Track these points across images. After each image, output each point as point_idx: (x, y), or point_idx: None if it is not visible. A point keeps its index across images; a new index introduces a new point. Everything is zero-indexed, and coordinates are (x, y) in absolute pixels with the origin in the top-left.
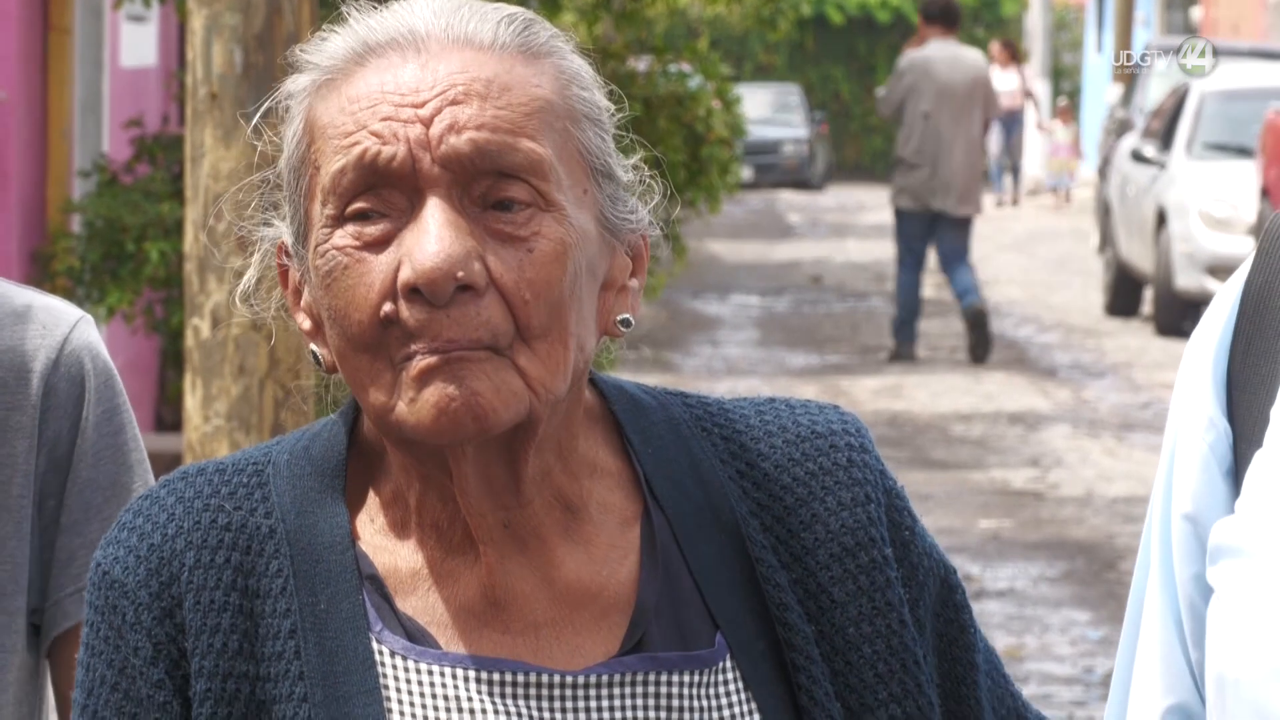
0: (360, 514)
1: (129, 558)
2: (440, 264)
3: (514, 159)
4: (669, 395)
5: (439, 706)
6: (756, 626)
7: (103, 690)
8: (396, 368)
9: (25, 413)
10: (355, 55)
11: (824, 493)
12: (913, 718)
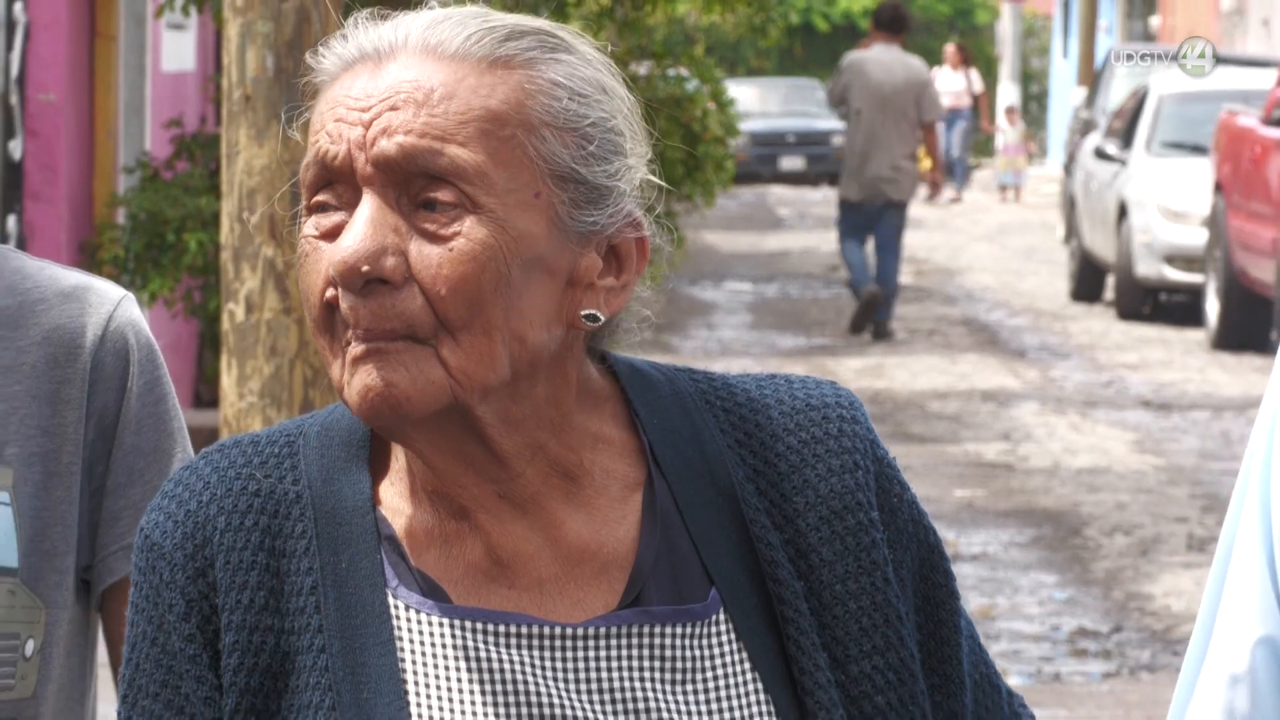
0: (382, 480)
1: (167, 523)
2: (348, 258)
3: (439, 163)
4: (677, 371)
5: (449, 656)
6: (749, 583)
7: (144, 644)
8: (343, 351)
9: (75, 385)
10: (342, 63)
11: (815, 460)
12: (894, 668)
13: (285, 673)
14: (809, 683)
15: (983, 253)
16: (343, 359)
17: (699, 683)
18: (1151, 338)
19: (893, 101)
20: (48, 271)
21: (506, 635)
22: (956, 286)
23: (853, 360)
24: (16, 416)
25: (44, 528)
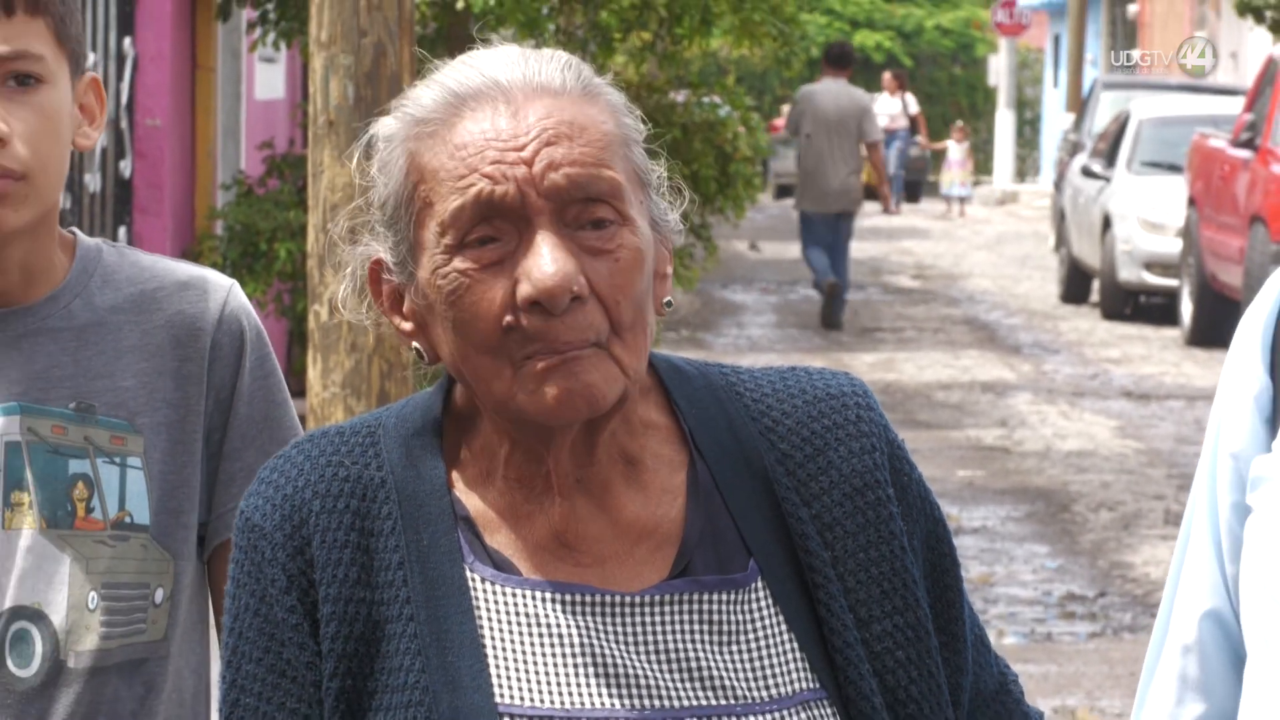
0: (455, 467)
1: (266, 506)
2: (560, 282)
3: (599, 186)
4: (707, 366)
5: (521, 623)
6: (782, 554)
7: (246, 615)
8: (516, 366)
9: (196, 363)
10: (450, 106)
11: (836, 444)
12: (911, 626)
13: (377, 639)
14: (838, 641)
15: (982, 260)
16: (518, 371)
17: (742, 643)
18: (1132, 335)
19: (838, 126)
20: (163, 264)
21: (572, 603)
22: (959, 290)
23: (866, 355)
24: (145, 390)
25: (171, 489)
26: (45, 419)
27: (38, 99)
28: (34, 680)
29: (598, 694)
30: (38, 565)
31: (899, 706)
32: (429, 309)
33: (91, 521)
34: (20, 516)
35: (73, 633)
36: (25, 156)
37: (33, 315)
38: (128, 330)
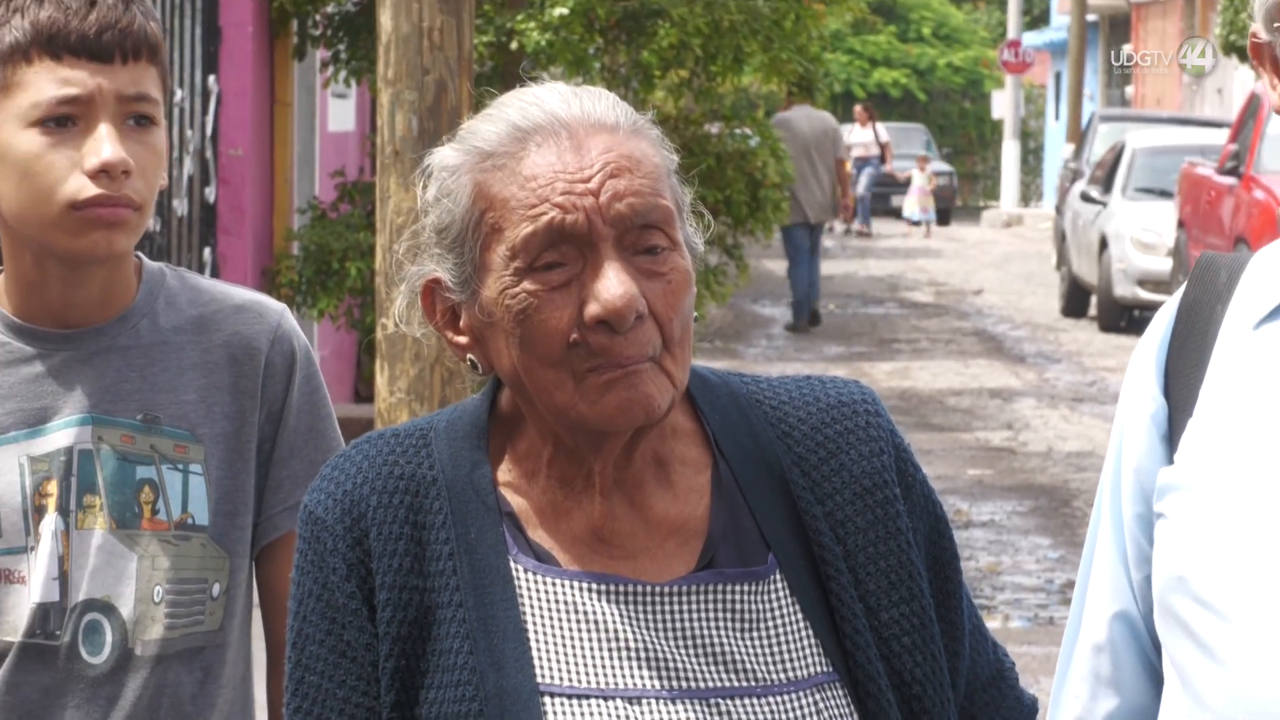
0: (499, 466)
1: (328, 501)
2: (627, 303)
3: (656, 215)
4: (729, 375)
5: (560, 610)
6: (798, 548)
7: (310, 600)
8: (578, 379)
9: (251, 380)
10: (515, 139)
11: (848, 447)
12: (916, 614)
13: (429, 623)
14: (849, 628)
15: (990, 277)
16: (580, 383)
17: (762, 630)
18: (1127, 346)
19: (816, 146)
20: (219, 288)
21: (608, 592)
22: (969, 304)
23: (884, 364)
24: (205, 404)
25: (227, 493)
26: (115, 429)
27: (150, 138)
28: (104, 667)
29: (630, 675)
30: (108, 562)
31: (904, 688)
32: (489, 325)
33: (157, 523)
34: (91, 517)
35: (140, 623)
36: (142, 189)
37: (104, 335)
38: (189, 349)
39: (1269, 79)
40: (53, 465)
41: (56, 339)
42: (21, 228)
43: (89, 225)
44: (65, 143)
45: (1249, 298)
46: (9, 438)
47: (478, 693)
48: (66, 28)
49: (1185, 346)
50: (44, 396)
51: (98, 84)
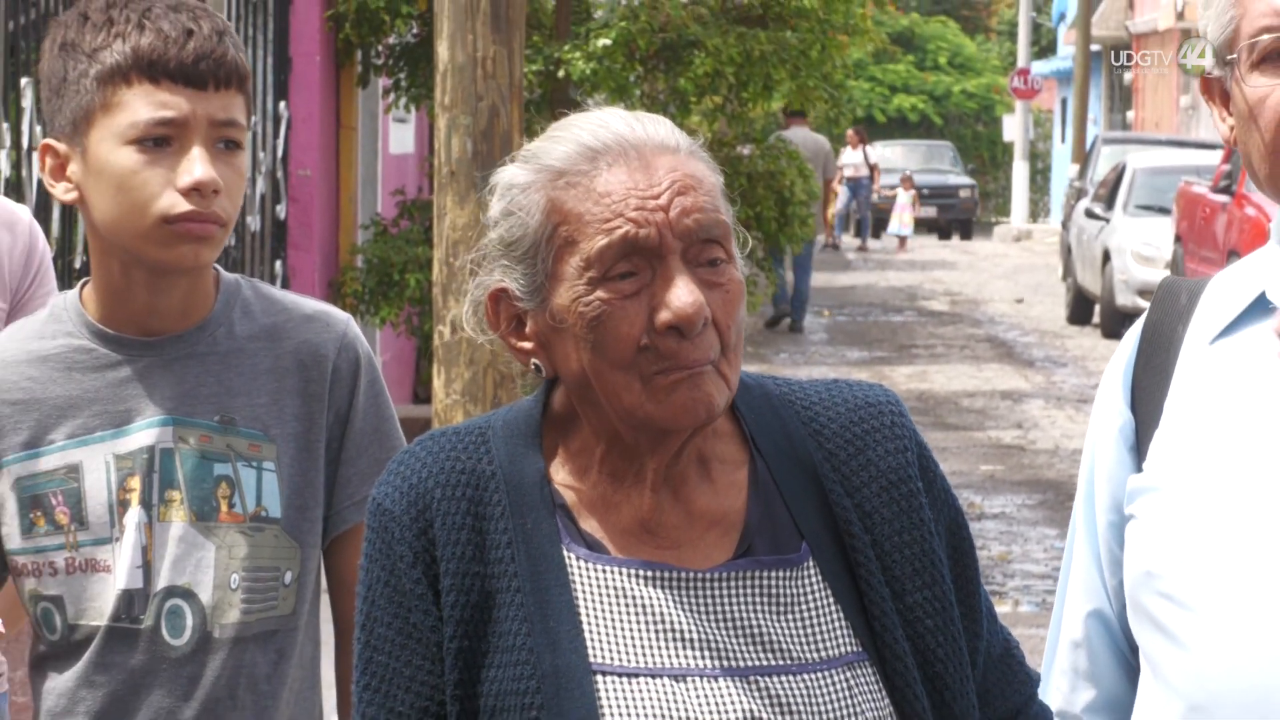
0: (553, 462)
1: (395, 494)
2: (697, 311)
3: (717, 230)
4: (763, 378)
5: (610, 594)
6: (829, 538)
7: (378, 586)
8: (645, 380)
9: (319, 385)
10: (586, 159)
11: (874, 444)
12: (938, 598)
13: (489, 607)
14: (877, 611)
15: (1001, 287)
16: (647, 384)
17: (796, 612)
18: None
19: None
20: (290, 299)
21: (654, 579)
22: (981, 313)
23: (904, 368)
24: (277, 407)
25: (298, 489)
26: (194, 430)
27: (236, 160)
28: (186, 648)
29: (675, 654)
30: (187, 552)
31: (927, 665)
32: (558, 331)
33: (233, 515)
34: (172, 511)
35: (218, 608)
36: (228, 207)
37: (184, 342)
38: (262, 356)
39: (1219, 112)
40: (136, 463)
41: (140, 346)
42: (113, 238)
43: (179, 238)
44: (159, 161)
45: (1205, 317)
46: (95, 438)
47: (535, 671)
48: (166, 55)
49: (1149, 364)
50: (128, 399)
51: (192, 109)
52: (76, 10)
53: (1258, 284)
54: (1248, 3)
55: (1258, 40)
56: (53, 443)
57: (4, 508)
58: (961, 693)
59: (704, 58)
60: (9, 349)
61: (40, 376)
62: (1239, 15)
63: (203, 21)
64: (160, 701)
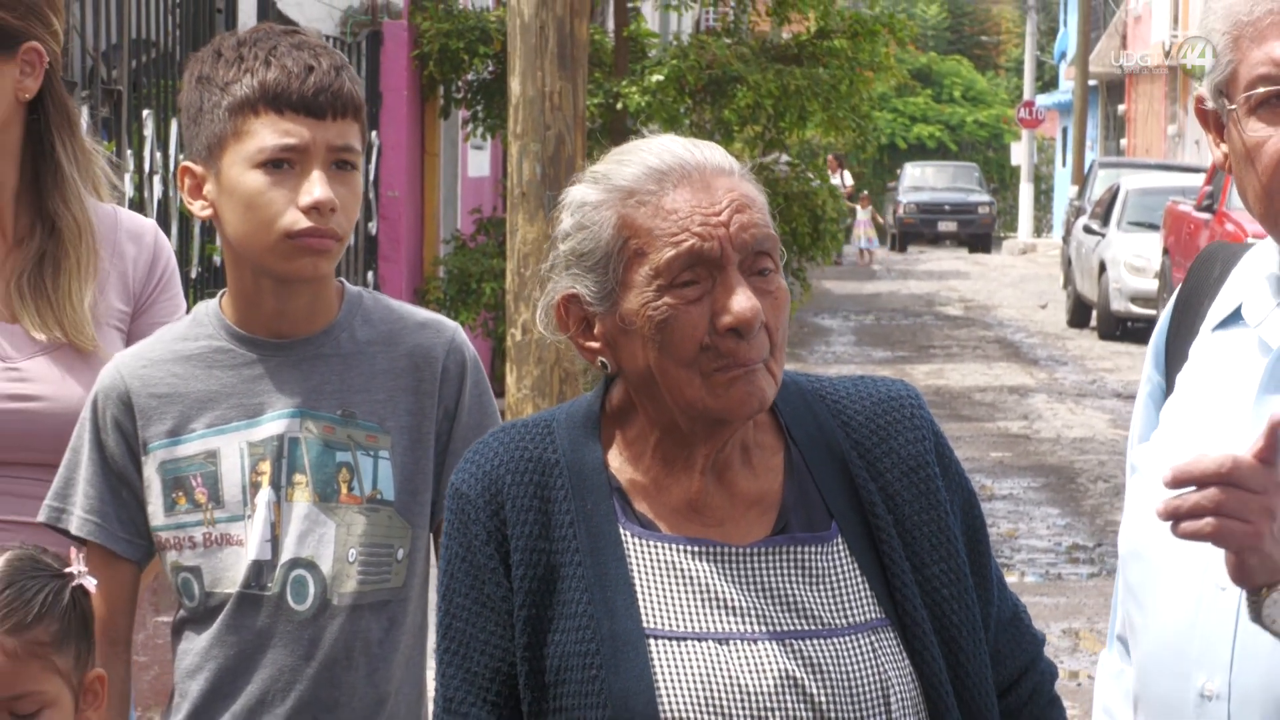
0: (610, 450)
1: (471, 479)
2: (755, 315)
3: (769, 243)
4: (797, 374)
5: (661, 567)
6: (856, 518)
7: (456, 561)
8: (705, 376)
9: (430, 384)
10: (653, 180)
11: (896, 434)
12: (954, 571)
13: (554, 579)
14: (898, 581)
15: (1009, 294)
16: (707, 380)
17: (826, 583)
18: (1121, 352)
19: None
20: (405, 308)
21: (700, 553)
22: (992, 317)
23: (923, 366)
24: (393, 403)
25: (410, 475)
26: (318, 421)
27: (351, 180)
28: (308, 613)
29: (719, 620)
30: (311, 528)
31: (943, 630)
32: (625, 332)
33: (352, 498)
34: (297, 492)
35: (337, 579)
36: (344, 223)
37: (311, 345)
38: (380, 358)
39: (1212, 138)
40: (267, 449)
41: (272, 347)
42: (243, 251)
43: (300, 252)
44: (283, 183)
45: (1223, 299)
46: (231, 427)
47: (595, 635)
48: (289, 88)
49: (1178, 335)
50: (260, 394)
51: (312, 136)
52: (212, 47)
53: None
54: (1246, 49)
55: (1255, 90)
56: (193, 431)
57: (150, 488)
58: (975, 654)
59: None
60: (157, 349)
61: (184, 373)
62: (1237, 60)
63: (323, 58)
64: (283, 660)
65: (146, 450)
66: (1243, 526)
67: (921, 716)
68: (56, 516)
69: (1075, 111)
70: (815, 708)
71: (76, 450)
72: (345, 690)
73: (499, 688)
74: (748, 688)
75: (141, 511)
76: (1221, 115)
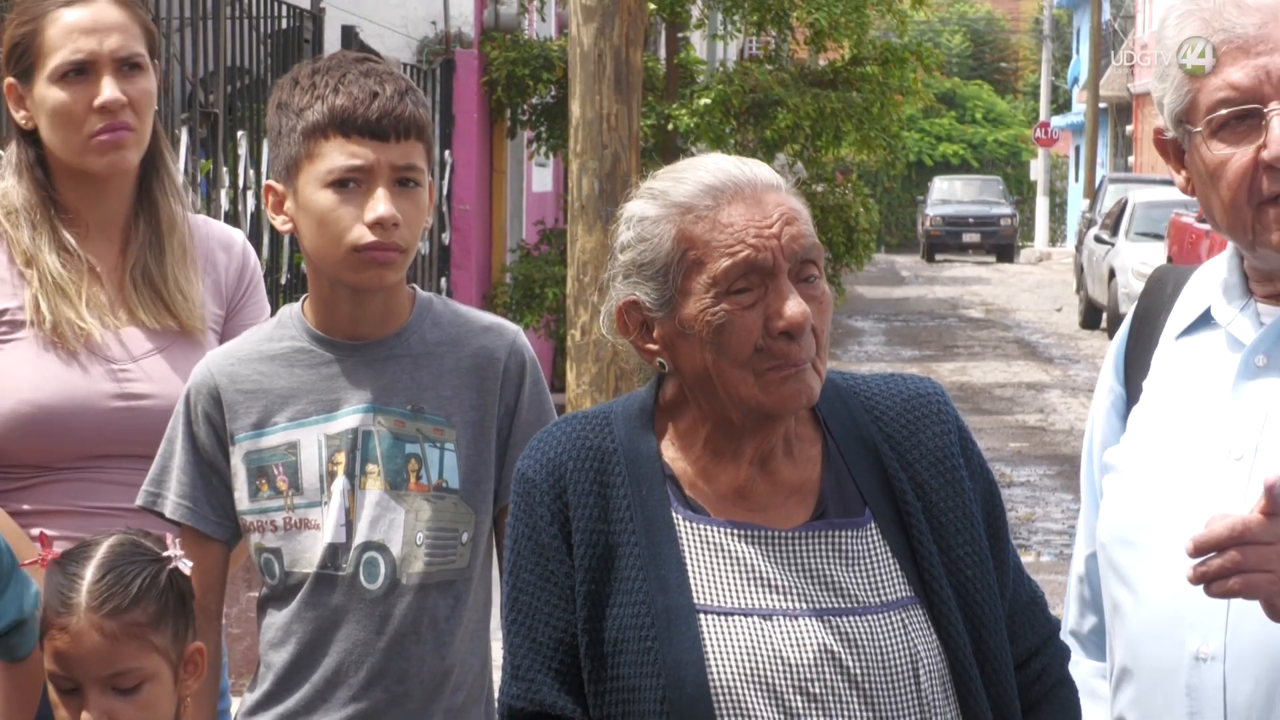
0: (663, 440)
1: (536, 465)
2: (805, 318)
3: (815, 252)
4: (831, 373)
5: (710, 549)
6: (888, 505)
7: (522, 540)
8: (758, 375)
9: (493, 383)
10: (708, 196)
11: (924, 428)
12: (976, 553)
13: (612, 558)
14: (926, 564)
15: (1027, 299)
16: (760, 379)
17: (861, 564)
18: None
19: None
20: (471, 313)
21: (746, 536)
22: (1011, 319)
23: (948, 364)
24: (458, 399)
25: (474, 465)
26: (389, 416)
27: (416, 197)
28: (379, 592)
29: (763, 597)
30: (382, 514)
31: (967, 608)
32: (683, 335)
33: (420, 486)
34: (370, 481)
35: (406, 560)
36: (407, 236)
37: (384, 346)
38: (447, 358)
39: (1172, 165)
40: (342, 441)
41: (348, 348)
42: (318, 262)
43: (366, 264)
44: (350, 200)
45: (1180, 310)
46: (310, 420)
47: (650, 610)
48: (355, 114)
49: (1137, 346)
50: (337, 390)
51: (377, 157)
52: (291, 75)
53: (1209, 296)
54: (1203, 79)
55: (1216, 114)
56: (276, 424)
57: (236, 476)
58: (995, 630)
59: (785, 114)
60: (244, 349)
61: (268, 371)
62: (1195, 89)
63: (387, 84)
64: (357, 635)
65: (233, 441)
66: (1265, 577)
67: (947, 687)
68: (152, 500)
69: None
70: (850, 678)
71: (171, 440)
72: (414, 662)
73: (562, 656)
74: (789, 660)
75: (229, 497)
76: (1182, 142)
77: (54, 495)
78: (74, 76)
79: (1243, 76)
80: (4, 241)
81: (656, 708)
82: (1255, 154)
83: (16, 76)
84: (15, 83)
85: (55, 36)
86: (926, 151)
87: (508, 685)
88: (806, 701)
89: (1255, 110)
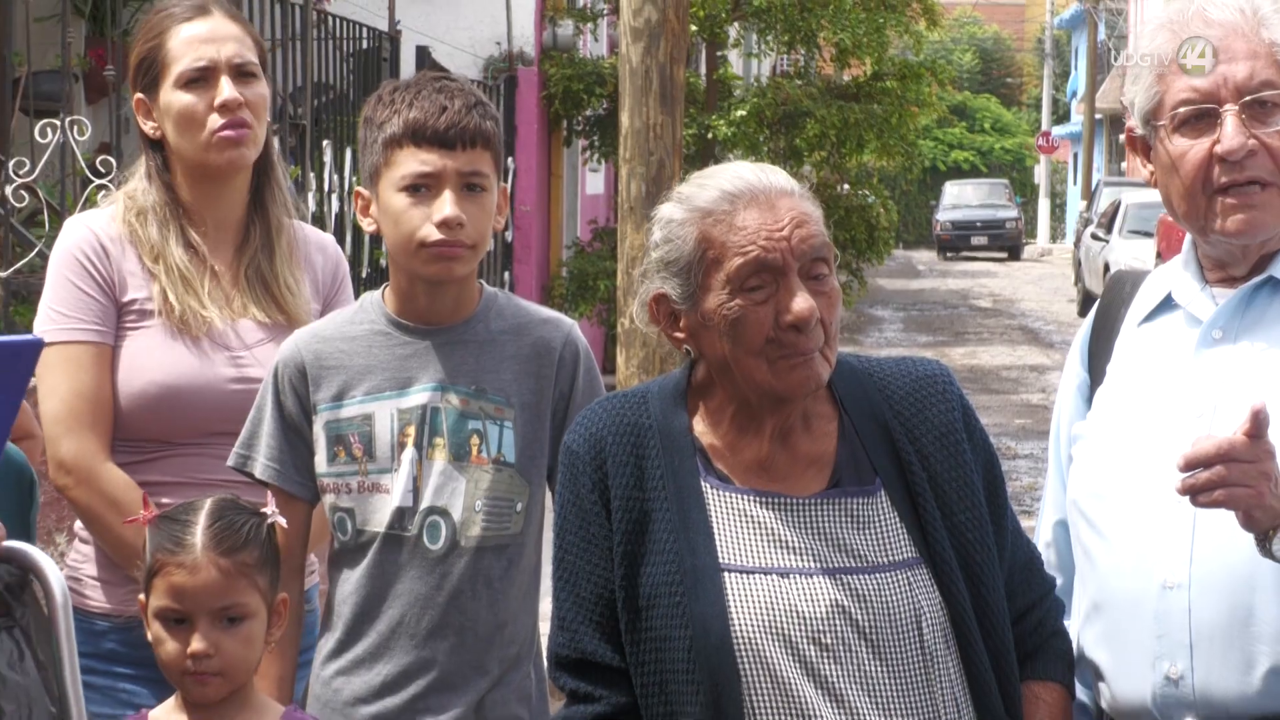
0: (694, 418)
1: (580, 439)
2: (812, 313)
3: (824, 252)
4: (848, 355)
5: (735, 514)
6: (896, 475)
7: (567, 507)
8: (771, 363)
9: (549, 369)
10: (727, 201)
11: (930, 405)
12: (977, 518)
13: (646, 524)
14: (930, 528)
15: (1030, 290)
16: (773, 366)
17: (871, 529)
18: None
19: None
20: (532, 306)
21: (766, 503)
22: (1016, 309)
23: (959, 349)
24: (517, 383)
25: (529, 442)
26: (455, 394)
27: (481, 200)
28: (440, 552)
29: (781, 558)
30: (445, 483)
31: (967, 568)
32: (705, 326)
33: (481, 459)
34: (436, 453)
35: (465, 525)
36: (473, 234)
37: (453, 332)
38: (508, 346)
39: (1140, 160)
40: (412, 415)
41: (421, 332)
42: (397, 257)
43: (434, 259)
44: (422, 202)
45: (1139, 303)
46: (384, 395)
47: (679, 568)
48: (426, 125)
49: (1100, 337)
50: (410, 369)
51: (444, 164)
52: (377, 93)
53: (1169, 285)
54: (1170, 81)
55: (1178, 111)
56: (353, 397)
57: (317, 442)
58: (993, 588)
59: (813, 124)
60: (328, 328)
61: (349, 350)
62: (1162, 91)
63: (457, 99)
64: (419, 590)
65: (315, 411)
66: (1245, 491)
67: (949, 639)
68: (243, 461)
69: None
70: (860, 631)
71: (260, 408)
72: (470, 616)
73: (602, 610)
74: (805, 614)
75: (311, 460)
76: (1149, 138)
77: (173, 468)
78: (196, 82)
79: (1204, 81)
80: (133, 240)
81: (685, 656)
82: (1210, 147)
83: (143, 90)
84: (143, 97)
85: (177, 48)
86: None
87: (555, 635)
88: (820, 651)
89: (1212, 110)
